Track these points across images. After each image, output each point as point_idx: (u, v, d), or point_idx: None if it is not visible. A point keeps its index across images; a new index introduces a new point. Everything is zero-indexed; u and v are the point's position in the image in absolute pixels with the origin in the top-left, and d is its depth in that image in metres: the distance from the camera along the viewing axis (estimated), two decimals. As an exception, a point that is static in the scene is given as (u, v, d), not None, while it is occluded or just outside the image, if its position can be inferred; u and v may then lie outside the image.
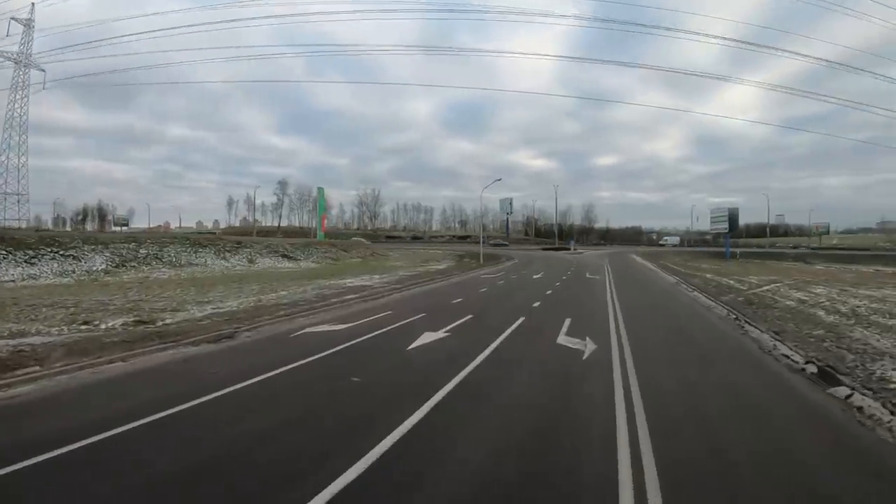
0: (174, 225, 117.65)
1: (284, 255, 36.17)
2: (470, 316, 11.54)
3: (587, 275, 26.09)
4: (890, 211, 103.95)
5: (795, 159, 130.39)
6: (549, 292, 17.79)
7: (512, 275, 26.88)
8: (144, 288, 17.07)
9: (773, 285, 19.70)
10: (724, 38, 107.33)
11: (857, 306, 14.25)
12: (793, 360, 7.63)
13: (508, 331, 9.60)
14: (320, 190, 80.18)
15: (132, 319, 10.09)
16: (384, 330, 9.56)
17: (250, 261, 31.68)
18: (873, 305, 14.30)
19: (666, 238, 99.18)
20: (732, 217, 55.62)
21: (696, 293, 17.71)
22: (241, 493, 3.30)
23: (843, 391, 5.86)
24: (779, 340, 9.08)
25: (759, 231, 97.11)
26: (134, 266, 24.82)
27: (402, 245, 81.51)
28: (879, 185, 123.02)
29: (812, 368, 7.05)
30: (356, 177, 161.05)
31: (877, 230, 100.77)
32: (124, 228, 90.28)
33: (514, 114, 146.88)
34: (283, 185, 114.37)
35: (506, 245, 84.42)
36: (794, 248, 70.65)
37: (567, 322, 10.77)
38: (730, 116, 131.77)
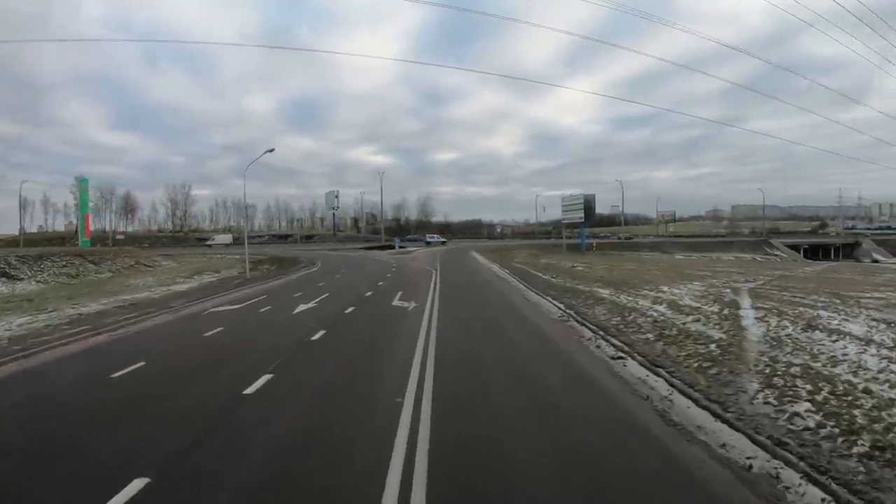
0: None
1: (3, 274, 26.17)
2: None
3: (395, 301, 13.88)
4: (719, 200, 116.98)
5: (627, 154, 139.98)
6: (259, 383, 6.02)
7: (268, 304, 13.96)
8: None
9: (749, 313, 9.65)
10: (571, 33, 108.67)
11: None
12: None
13: None
14: (82, 183, 57.77)
15: None
16: None
17: (-57, 284, 22.03)
18: None
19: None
20: (589, 205, 49.63)
21: (630, 365, 6.47)
22: None
23: None
24: None
25: (596, 221, 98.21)
26: None
27: (208, 249, 63.64)
28: (703, 178, 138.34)
29: None
30: (194, 176, 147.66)
31: (707, 217, 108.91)
32: None
33: (354, 111, 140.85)
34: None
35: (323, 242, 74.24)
36: (630, 237, 69.57)
37: None
38: (592, 91, 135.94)
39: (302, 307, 12.64)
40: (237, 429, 4.48)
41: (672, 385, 5.47)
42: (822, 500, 3.29)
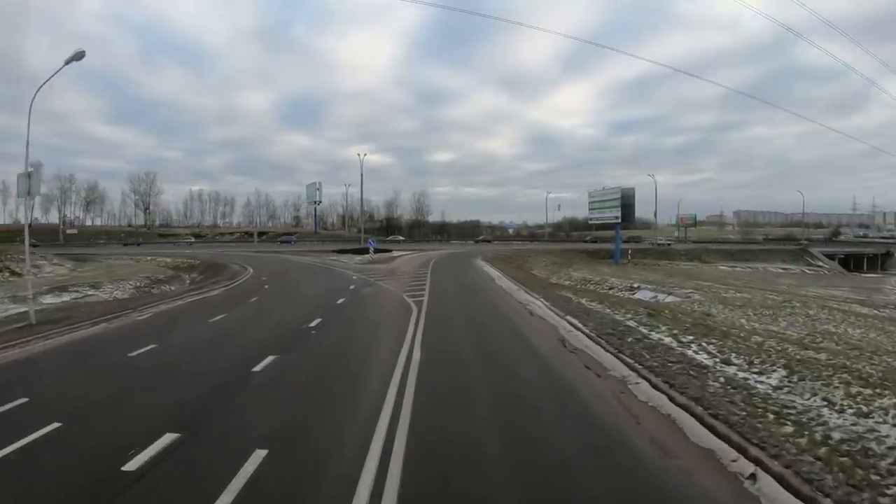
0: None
1: None
2: None
3: None
4: (716, 205, 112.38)
5: (624, 158, 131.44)
6: None
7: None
8: None
9: None
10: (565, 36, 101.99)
11: None
12: None
13: None
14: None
15: None
16: None
17: None
18: None
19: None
20: (627, 201, 36.66)
21: None
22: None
23: None
24: None
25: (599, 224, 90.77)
26: None
27: (166, 247, 53.78)
28: (699, 183, 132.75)
29: None
30: (190, 171, 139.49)
31: (709, 222, 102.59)
32: None
33: (350, 109, 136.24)
34: (36, 168, 75.65)
35: (290, 242, 63.13)
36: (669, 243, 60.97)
37: None
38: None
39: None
40: None
41: None
42: None
